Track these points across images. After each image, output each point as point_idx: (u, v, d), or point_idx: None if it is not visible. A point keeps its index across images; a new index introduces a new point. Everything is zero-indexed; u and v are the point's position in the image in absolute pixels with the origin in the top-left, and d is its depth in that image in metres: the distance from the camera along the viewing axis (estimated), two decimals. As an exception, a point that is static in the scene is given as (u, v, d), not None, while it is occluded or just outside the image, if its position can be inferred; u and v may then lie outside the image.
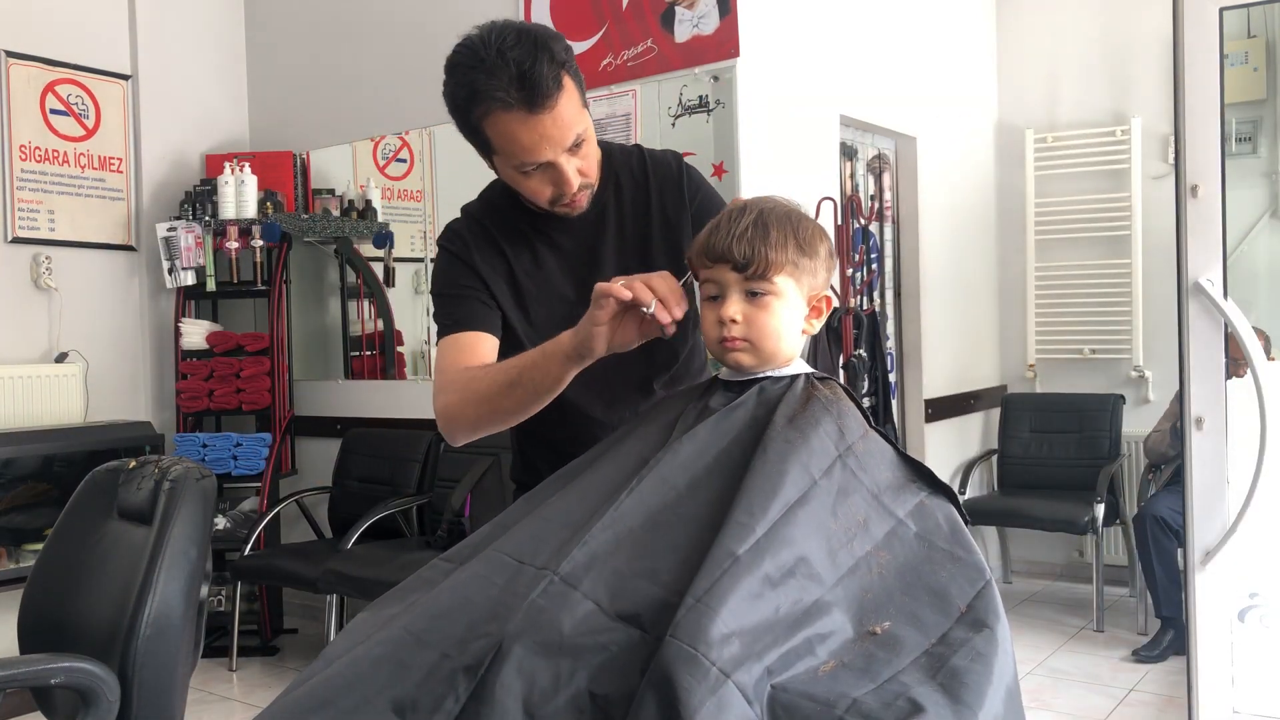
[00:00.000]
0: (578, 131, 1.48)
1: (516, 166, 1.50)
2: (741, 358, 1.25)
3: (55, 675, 1.70)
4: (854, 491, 1.14)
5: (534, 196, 1.54)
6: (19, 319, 4.16)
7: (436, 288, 1.65)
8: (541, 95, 1.42)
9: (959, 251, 4.91)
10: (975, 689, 0.97)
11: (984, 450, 5.02)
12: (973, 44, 5.09)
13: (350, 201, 4.63)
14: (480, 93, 1.44)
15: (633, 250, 1.64)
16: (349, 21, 4.57)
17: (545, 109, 1.43)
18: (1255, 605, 2.60)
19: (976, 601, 1.07)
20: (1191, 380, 2.56)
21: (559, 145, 1.47)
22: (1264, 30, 4.46)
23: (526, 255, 1.63)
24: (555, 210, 1.56)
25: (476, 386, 1.49)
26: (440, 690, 1.00)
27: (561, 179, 1.50)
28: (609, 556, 1.08)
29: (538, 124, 1.44)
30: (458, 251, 1.63)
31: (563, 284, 1.63)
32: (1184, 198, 2.53)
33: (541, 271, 1.63)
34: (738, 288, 1.24)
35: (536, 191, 1.53)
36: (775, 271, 1.23)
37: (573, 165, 1.50)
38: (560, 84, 1.43)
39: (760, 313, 1.24)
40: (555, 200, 1.54)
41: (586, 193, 1.56)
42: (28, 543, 3.89)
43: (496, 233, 1.63)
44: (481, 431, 1.52)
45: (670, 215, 1.64)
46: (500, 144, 1.48)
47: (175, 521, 1.85)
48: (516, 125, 1.44)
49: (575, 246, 1.63)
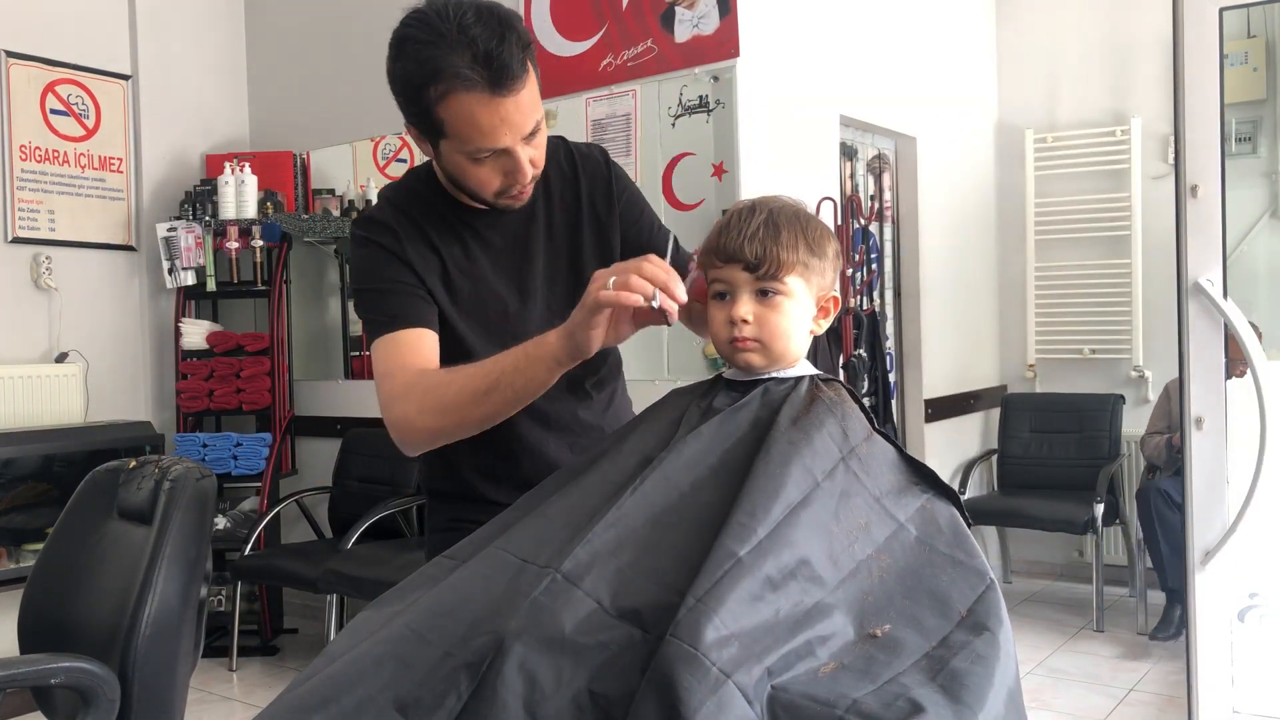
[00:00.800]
0: (536, 119, 1.41)
1: (469, 153, 1.40)
2: (752, 358, 1.25)
3: (55, 675, 1.70)
4: (856, 494, 1.13)
5: (479, 187, 1.46)
6: (19, 319, 4.16)
7: (362, 282, 1.53)
8: (509, 77, 1.34)
9: (959, 251, 4.91)
10: (976, 690, 0.97)
11: (984, 450, 5.02)
12: (973, 44, 5.09)
13: (350, 201, 4.63)
14: (441, 70, 1.34)
15: (563, 245, 1.59)
16: (349, 21, 4.57)
17: (510, 92, 1.35)
18: (1255, 605, 2.60)
19: (977, 606, 1.07)
20: (1191, 380, 2.56)
21: (518, 132, 1.39)
22: (1264, 30, 4.46)
23: (458, 250, 1.54)
24: (498, 203, 1.48)
25: (441, 395, 1.38)
26: (442, 688, 1.00)
27: (516, 168, 1.42)
28: (611, 555, 1.08)
29: (500, 107, 1.35)
30: (386, 244, 1.50)
31: (495, 281, 1.56)
32: (1184, 198, 2.53)
33: (474, 267, 1.55)
34: (749, 288, 1.23)
35: (484, 182, 1.44)
36: (787, 272, 1.23)
37: (527, 154, 1.42)
38: (525, 68, 1.36)
39: (771, 313, 1.23)
40: (502, 191, 1.46)
41: (532, 184, 1.49)
42: (28, 543, 3.89)
43: (425, 225, 1.53)
44: (441, 443, 1.44)
45: (600, 213, 1.60)
46: (455, 127, 1.38)
47: (175, 521, 1.85)
48: (478, 107, 1.35)
49: (506, 243, 1.57)
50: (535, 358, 1.31)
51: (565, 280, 1.59)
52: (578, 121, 3.81)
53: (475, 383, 1.35)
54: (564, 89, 3.82)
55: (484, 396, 1.35)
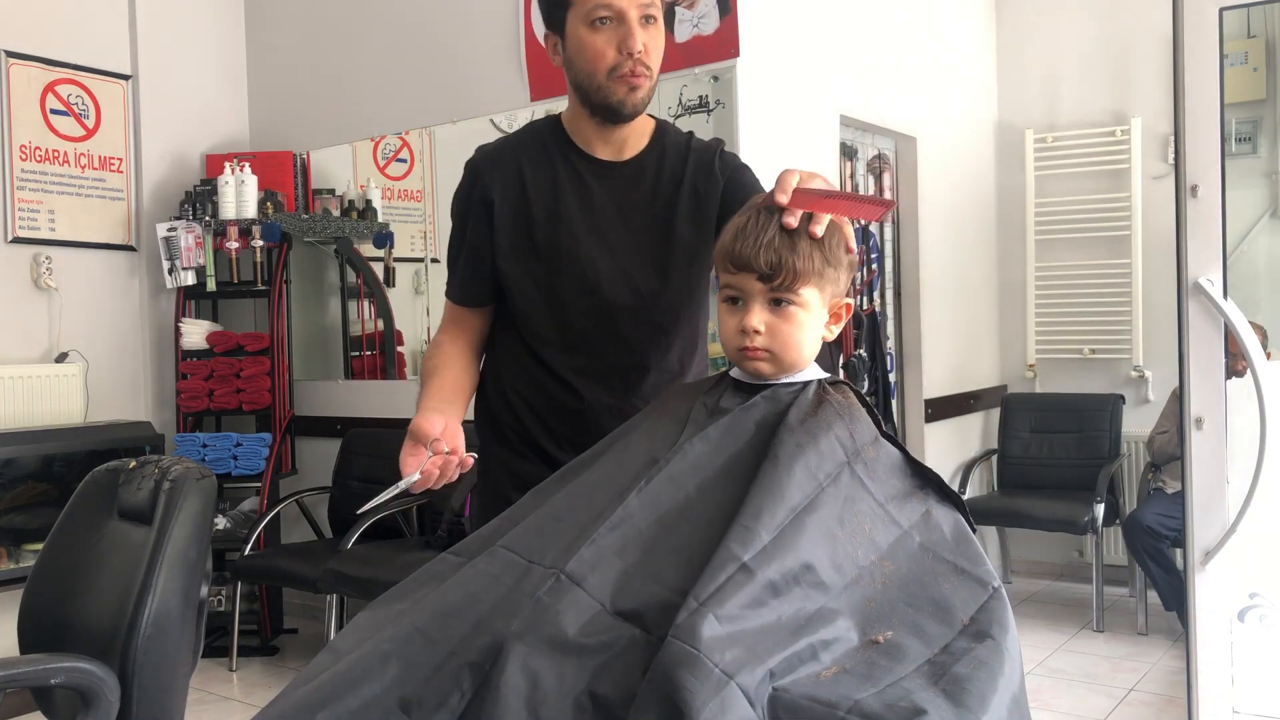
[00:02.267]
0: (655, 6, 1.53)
1: (588, 15, 1.53)
2: (762, 366, 1.24)
3: (55, 675, 1.70)
4: (861, 499, 1.13)
5: (594, 60, 1.56)
6: (19, 319, 4.16)
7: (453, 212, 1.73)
8: None
9: (959, 251, 4.91)
10: (978, 695, 0.97)
11: (984, 450, 5.02)
12: (973, 44, 5.09)
13: (350, 201, 4.63)
14: None
15: (661, 214, 1.66)
16: (349, 21, 4.57)
17: None
18: (1255, 605, 2.59)
19: (980, 614, 1.06)
20: (1191, 380, 2.56)
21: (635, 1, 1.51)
22: (1264, 30, 4.46)
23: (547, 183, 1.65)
24: (610, 87, 1.57)
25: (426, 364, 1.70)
26: (446, 687, 1.00)
27: (629, 35, 1.52)
28: (616, 556, 1.08)
29: None
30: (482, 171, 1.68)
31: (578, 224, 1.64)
32: (1184, 198, 2.53)
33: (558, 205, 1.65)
34: (761, 297, 1.22)
35: (600, 52, 1.55)
36: (801, 283, 1.21)
37: (641, 36, 1.53)
38: None
39: (784, 324, 1.22)
40: (614, 69, 1.55)
41: (646, 82, 1.58)
42: (28, 543, 3.89)
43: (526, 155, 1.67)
44: None
45: (699, 187, 1.66)
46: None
47: (175, 521, 1.86)
48: None
49: (602, 193, 1.65)
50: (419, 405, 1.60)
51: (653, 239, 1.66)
52: (578, 121, 3.80)
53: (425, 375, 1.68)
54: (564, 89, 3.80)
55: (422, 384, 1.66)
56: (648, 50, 1.55)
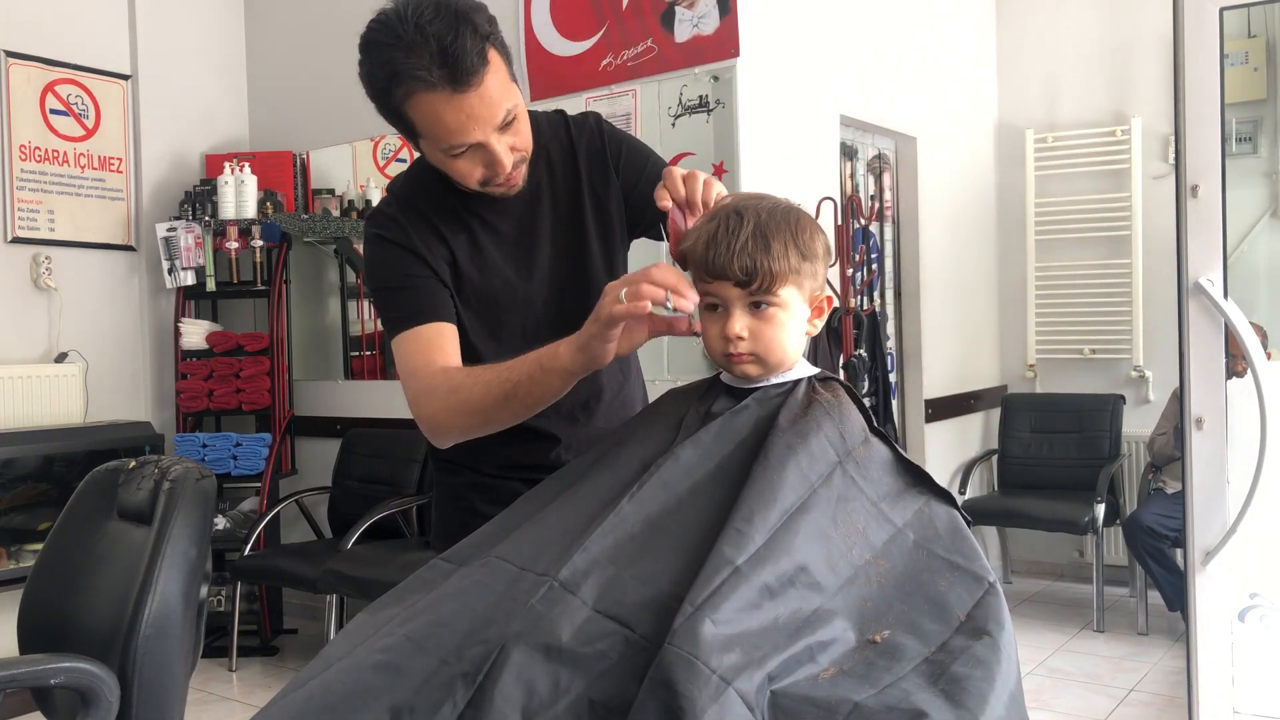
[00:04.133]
0: (507, 107, 1.40)
1: (444, 150, 1.41)
2: (749, 370, 1.23)
3: (55, 675, 1.70)
4: (854, 499, 1.13)
5: (463, 179, 1.46)
6: (19, 319, 4.16)
7: (378, 281, 1.53)
8: (465, 73, 1.33)
9: (959, 251, 4.91)
10: (977, 694, 0.97)
11: (984, 450, 5.02)
12: (973, 44, 5.08)
13: (350, 201, 4.63)
14: (400, 72, 1.34)
15: (566, 221, 1.58)
16: (349, 22, 4.53)
17: (471, 87, 1.34)
18: (1255, 605, 2.59)
19: (976, 610, 1.06)
20: (1191, 380, 2.56)
21: (488, 124, 1.38)
22: (1264, 30, 4.46)
23: (464, 238, 1.54)
24: (489, 191, 1.48)
25: (466, 396, 1.39)
26: (438, 696, 0.99)
27: (493, 160, 1.42)
28: (609, 562, 1.07)
29: (464, 103, 1.35)
30: (396, 238, 1.51)
31: (503, 267, 1.55)
32: (1184, 198, 2.53)
33: (481, 255, 1.55)
34: (741, 302, 1.20)
35: (466, 174, 1.44)
36: (780, 284, 1.20)
37: (504, 144, 1.41)
38: (485, 59, 1.35)
39: (766, 326, 1.21)
40: (487, 181, 1.46)
41: (522, 168, 1.48)
42: (28, 543, 3.89)
43: (433, 216, 1.53)
44: (472, 436, 1.46)
45: (595, 182, 1.58)
46: (425, 127, 1.40)
47: (175, 521, 1.85)
48: (441, 106, 1.36)
49: (512, 228, 1.56)
50: (549, 369, 1.31)
51: (571, 254, 1.58)
52: (578, 121, 3.81)
53: (497, 388, 1.36)
54: (564, 89, 3.82)
55: (504, 402, 1.36)
56: (516, 146, 1.44)
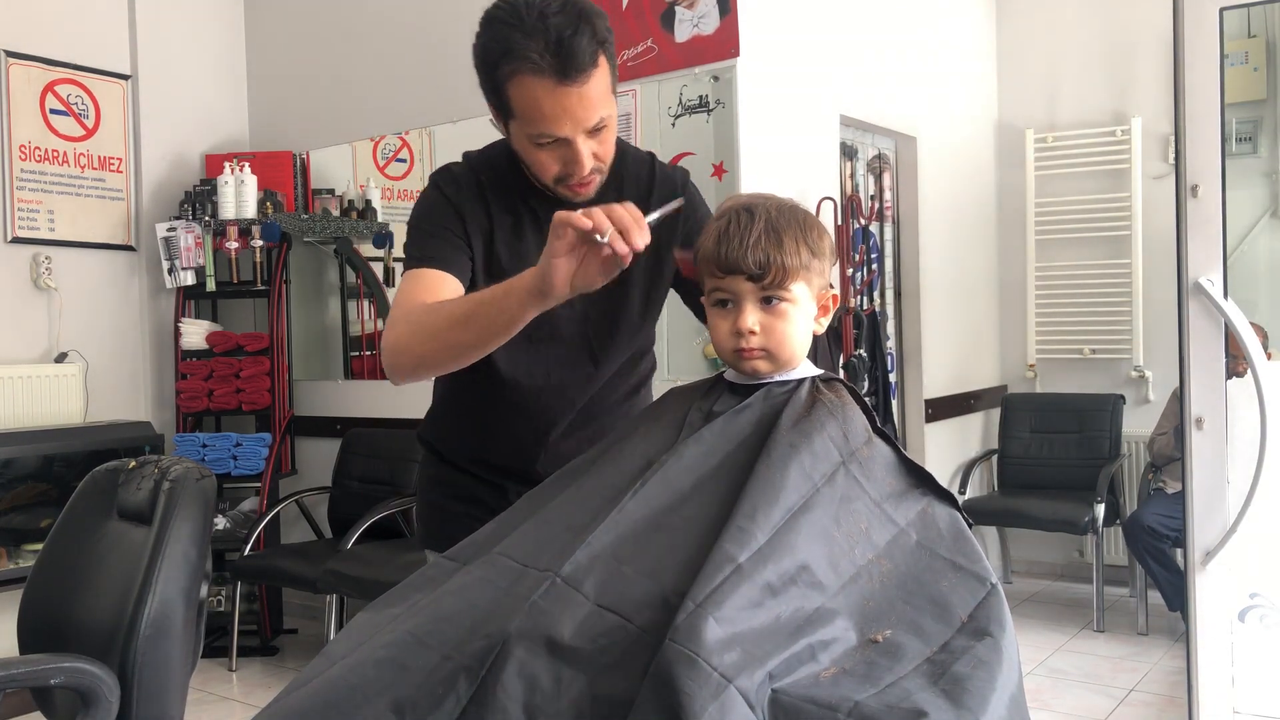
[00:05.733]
0: (602, 114, 1.44)
1: (532, 136, 1.44)
2: (759, 365, 1.25)
3: (55, 675, 1.70)
4: (856, 498, 1.13)
5: (540, 171, 1.49)
6: (19, 319, 4.16)
7: (415, 219, 1.58)
8: (575, 68, 1.38)
9: (959, 251, 4.91)
10: (978, 694, 0.97)
11: (984, 450, 5.02)
12: (973, 44, 5.09)
13: (350, 201, 4.63)
14: (513, 51, 1.39)
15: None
16: (349, 22, 4.57)
17: (575, 82, 1.39)
18: (1255, 605, 2.59)
19: (978, 611, 1.06)
20: (1191, 380, 2.56)
21: (580, 123, 1.42)
22: (1264, 30, 4.46)
23: (509, 222, 1.57)
24: (558, 190, 1.51)
25: (428, 320, 1.41)
26: (440, 691, 0.99)
27: (574, 159, 1.45)
28: (611, 558, 1.07)
29: (564, 96, 1.39)
30: (449, 193, 1.57)
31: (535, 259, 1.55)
32: (1184, 198, 2.53)
33: (520, 243, 1.57)
34: (752, 297, 1.22)
35: (545, 166, 1.48)
36: (792, 279, 1.22)
37: (589, 148, 1.45)
38: (595, 61, 1.40)
39: (777, 321, 1.22)
40: (560, 179, 1.49)
41: (597, 178, 1.51)
42: (28, 543, 3.89)
43: (490, 192, 1.57)
44: (425, 371, 1.46)
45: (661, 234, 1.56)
46: (521, 109, 1.43)
47: (175, 521, 1.86)
48: (542, 92, 1.39)
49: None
50: (511, 290, 1.31)
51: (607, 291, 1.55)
52: (578, 121, 3.81)
53: (456, 311, 1.39)
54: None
55: (462, 324, 1.37)
56: (599, 156, 1.48)
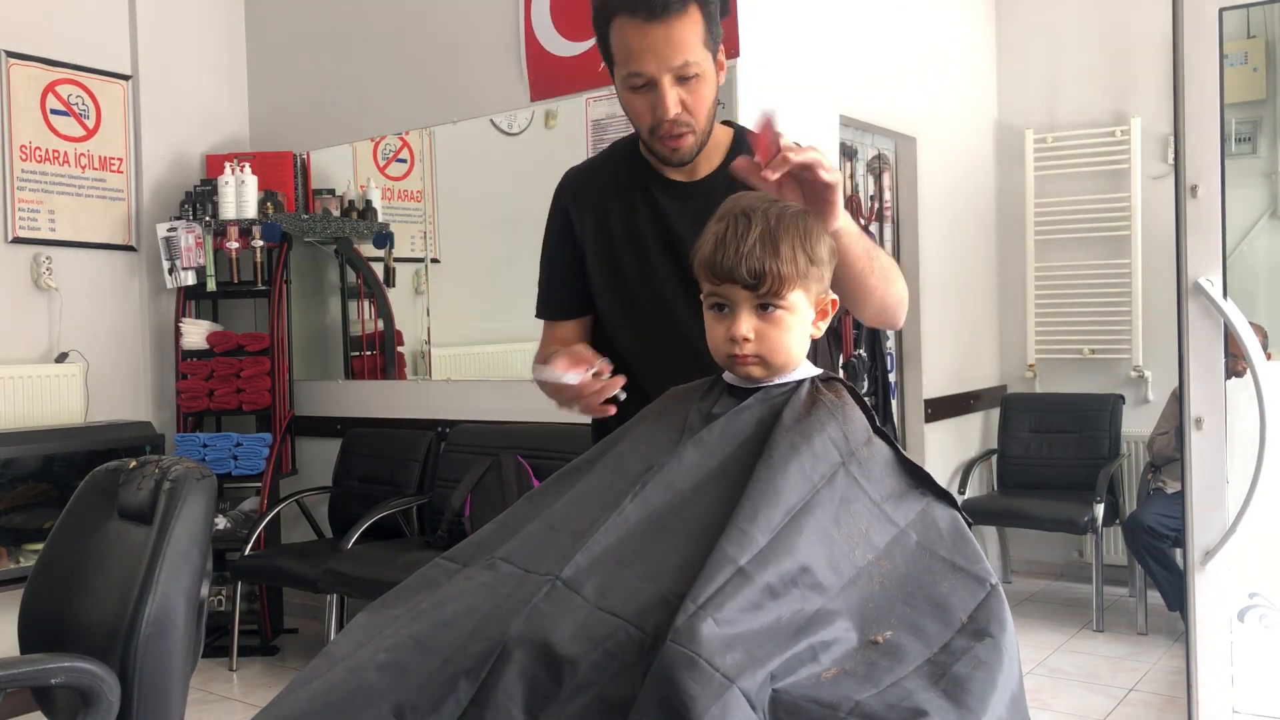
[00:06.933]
0: (689, 59, 1.51)
1: (624, 78, 1.54)
2: (753, 371, 1.24)
3: (55, 675, 1.70)
4: (856, 499, 1.13)
5: (636, 121, 1.59)
6: (19, 319, 4.16)
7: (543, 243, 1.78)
8: (660, 7, 1.47)
9: (959, 251, 4.91)
10: (978, 695, 0.97)
11: (984, 450, 5.02)
12: (972, 44, 5.08)
13: (350, 201, 4.63)
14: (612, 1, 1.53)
15: None
16: (349, 22, 4.56)
17: (660, 21, 1.48)
18: (1255, 605, 2.59)
19: (978, 611, 1.06)
20: (1191, 380, 2.56)
21: (664, 63, 1.50)
22: (1264, 30, 4.46)
23: (623, 202, 1.68)
24: (655, 146, 1.59)
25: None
26: (440, 694, 0.99)
27: (659, 100, 1.52)
28: (612, 561, 1.07)
29: (649, 33, 1.49)
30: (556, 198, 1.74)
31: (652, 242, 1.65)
32: (1184, 198, 2.53)
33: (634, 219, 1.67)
34: (748, 304, 1.21)
35: (640, 113, 1.57)
36: (788, 288, 1.20)
37: (675, 93, 1.52)
38: (684, 7, 1.49)
39: (772, 329, 1.21)
40: (654, 129, 1.56)
41: (690, 136, 1.57)
42: (28, 543, 3.89)
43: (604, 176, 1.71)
44: None
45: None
46: (616, 50, 1.55)
47: (175, 521, 1.85)
48: (631, 31, 1.50)
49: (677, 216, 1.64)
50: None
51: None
52: (577, 121, 3.81)
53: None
54: (564, 89, 3.82)
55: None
56: (687, 107, 1.54)
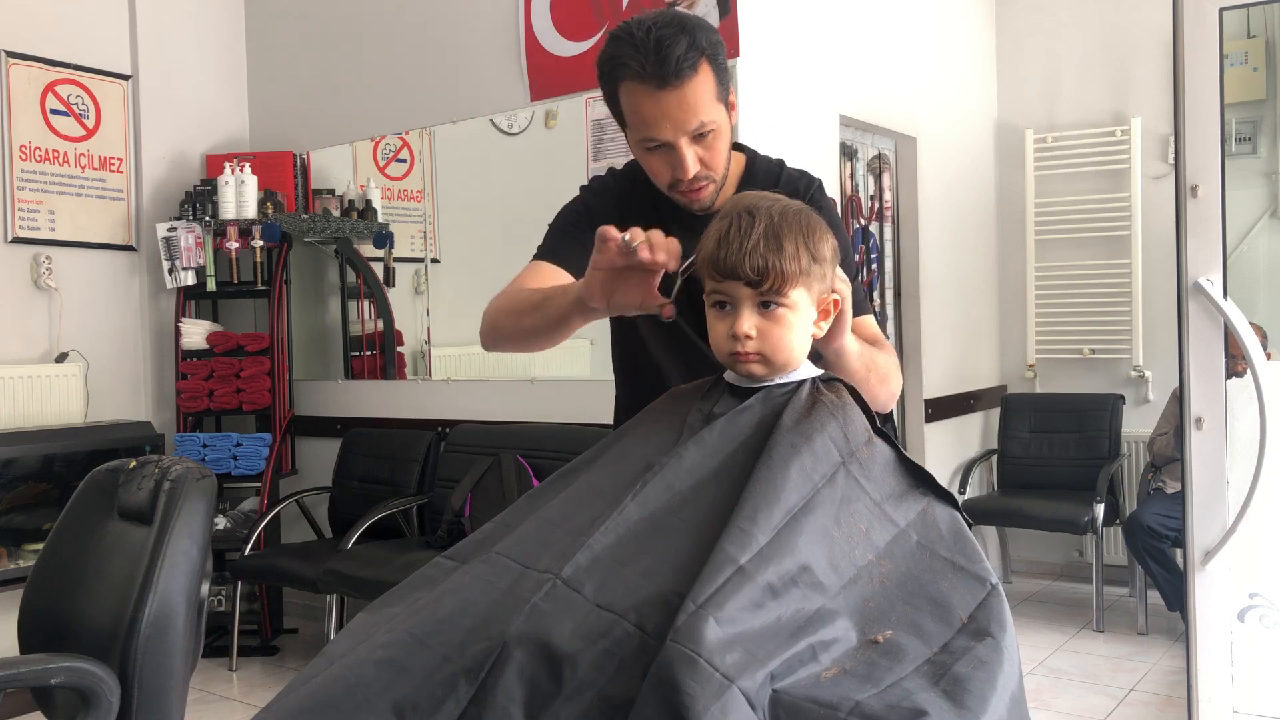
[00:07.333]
0: (704, 120, 1.49)
1: (639, 141, 1.54)
2: (754, 369, 1.23)
3: (55, 675, 1.70)
4: (857, 499, 1.13)
5: (655, 177, 1.58)
6: (19, 319, 4.16)
7: (558, 214, 1.71)
8: (670, 71, 1.45)
9: (959, 251, 4.91)
10: (978, 695, 0.97)
11: (984, 450, 5.02)
12: (973, 44, 5.09)
13: (350, 201, 4.63)
14: (619, 62, 1.49)
15: None
16: (349, 22, 4.57)
17: (672, 86, 1.46)
18: (1255, 605, 2.59)
19: (979, 611, 1.06)
20: (1191, 380, 2.56)
21: (680, 127, 1.49)
22: (1264, 30, 4.46)
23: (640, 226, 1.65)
24: (674, 197, 1.58)
25: (514, 299, 1.54)
26: (440, 693, 0.99)
27: (678, 163, 1.51)
28: (612, 559, 1.07)
29: (662, 99, 1.47)
30: (587, 198, 1.70)
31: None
32: (1184, 198, 2.53)
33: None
34: (750, 302, 1.21)
35: (657, 171, 1.56)
36: (790, 286, 1.20)
37: (692, 152, 1.51)
38: (695, 67, 1.46)
39: (774, 326, 1.21)
40: (673, 185, 1.56)
41: (710, 187, 1.56)
42: (28, 543, 3.89)
43: (625, 199, 1.68)
44: (504, 344, 1.58)
45: None
46: (629, 114, 1.53)
47: (175, 521, 1.85)
48: (643, 97, 1.48)
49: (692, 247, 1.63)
50: (566, 289, 1.42)
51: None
52: (577, 121, 3.81)
53: (533, 297, 1.50)
54: (564, 89, 3.82)
55: (530, 310, 1.49)
56: (705, 162, 1.53)
